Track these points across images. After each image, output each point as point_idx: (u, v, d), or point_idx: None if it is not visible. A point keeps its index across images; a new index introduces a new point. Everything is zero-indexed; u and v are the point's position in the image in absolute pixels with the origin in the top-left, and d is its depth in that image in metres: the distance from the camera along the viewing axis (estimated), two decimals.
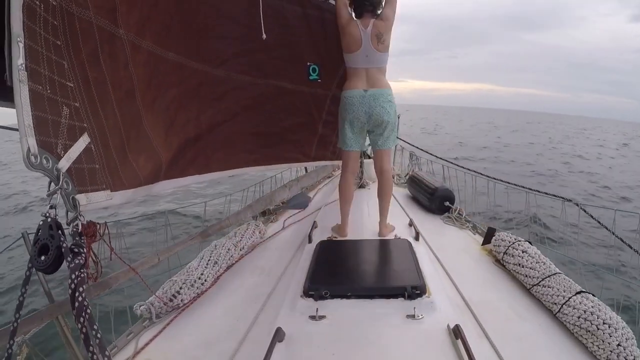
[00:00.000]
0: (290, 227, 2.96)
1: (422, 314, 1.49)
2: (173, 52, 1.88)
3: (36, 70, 0.97)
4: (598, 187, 11.43)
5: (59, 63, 1.10)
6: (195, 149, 2.19)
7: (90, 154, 1.20)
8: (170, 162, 1.92)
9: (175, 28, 1.88)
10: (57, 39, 1.11)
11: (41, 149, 0.94)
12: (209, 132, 2.29)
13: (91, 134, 1.22)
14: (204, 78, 2.16)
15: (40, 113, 0.96)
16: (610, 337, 1.44)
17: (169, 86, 1.89)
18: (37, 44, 0.99)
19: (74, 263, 0.92)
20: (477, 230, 2.84)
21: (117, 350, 1.58)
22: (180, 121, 2.02)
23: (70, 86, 1.15)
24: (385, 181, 2.48)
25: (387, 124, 2.37)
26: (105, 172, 1.29)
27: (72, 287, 0.89)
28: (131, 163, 1.50)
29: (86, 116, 1.22)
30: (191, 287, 1.89)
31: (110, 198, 1.29)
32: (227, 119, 2.42)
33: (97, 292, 1.66)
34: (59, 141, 1.03)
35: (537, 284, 1.85)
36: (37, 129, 0.94)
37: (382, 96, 2.33)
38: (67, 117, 1.09)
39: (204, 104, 2.22)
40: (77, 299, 0.88)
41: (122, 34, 1.45)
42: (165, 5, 1.77)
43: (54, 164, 0.98)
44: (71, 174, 1.06)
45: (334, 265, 1.97)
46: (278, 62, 2.61)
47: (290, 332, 1.42)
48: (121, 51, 1.46)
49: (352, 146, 2.47)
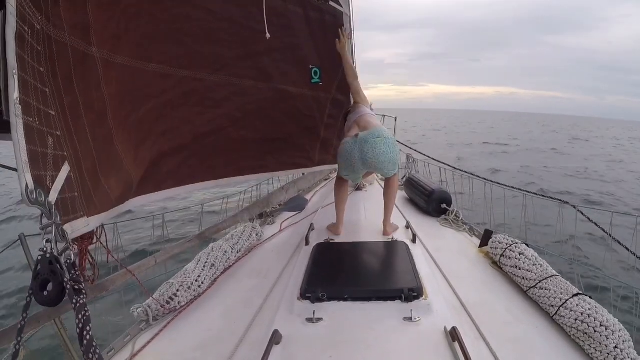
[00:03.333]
0: (288, 230, 2.96)
1: (419, 316, 1.50)
2: (155, 62, 1.83)
3: (27, 102, 0.93)
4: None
5: (43, 91, 1.07)
6: (175, 161, 2.13)
7: (70, 182, 1.17)
8: (141, 179, 1.88)
9: (162, 36, 1.83)
10: (41, 65, 1.07)
11: (36, 183, 0.91)
12: (197, 141, 2.24)
13: (70, 161, 1.19)
14: (196, 85, 2.11)
15: (32, 147, 0.93)
16: (607, 340, 1.44)
17: (147, 99, 1.85)
18: (26, 73, 0.95)
19: (79, 303, 0.91)
20: (474, 232, 2.84)
21: (114, 353, 1.57)
22: (155, 134, 1.97)
23: (52, 114, 1.11)
24: (391, 182, 2.50)
25: (384, 165, 2.30)
26: (82, 198, 1.26)
27: (80, 326, 0.89)
28: (103, 186, 1.47)
29: (65, 144, 1.19)
30: (188, 289, 1.89)
31: (87, 225, 1.26)
32: (226, 125, 2.38)
33: (94, 295, 1.66)
34: (48, 173, 1.01)
35: (534, 286, 1.86)
36: (31, 164, 0.91)
37: (371, 135, 2.27)
38: (52, 148, 1.06)
39: (193, 112, 2.16)
40: (86, 337, 0.88)
41: (94, 52, 1.41)
42: (149, 15, 1.72)
43: (46, 198, 0.96)
44: (58, 206, 1.03)
45: (331, 268, 1.96)
46: (282, 65, 2.57)
47: (287, 334, 1.42)
48: (93, 71, 1.42)
49: (349, 177, 2.53)
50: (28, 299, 0.94)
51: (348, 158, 2.30)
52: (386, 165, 2.29)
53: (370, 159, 2.24)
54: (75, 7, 1.29)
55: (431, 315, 1.52)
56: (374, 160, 2.24)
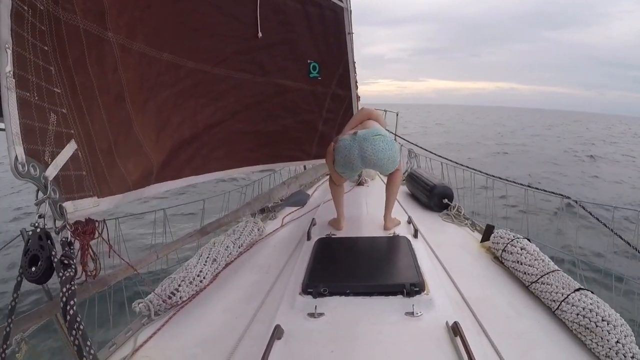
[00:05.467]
0: (289, 225, 2.96)
1: (420, 311, 1.50)
2: (167, 52, 1.86)
3: (24, 77, 0.95)
4: None
5: (46, 69, 1.08)
6: (190, 150, 2.17)
7: (78, 160, 1.18)
8: (162, 164, 1.90)
9: (171, 28, 1.86)
10: (45, 44, 1.09)
11: (28, 157, 0.92)
12: (206, 132, 2.27)
13: (78, 140, 1.20)
14: (202, 77, 2.14)
15: (27, 121, 0.94)
16: (609, 334, 1.44)
17: (163, 87, 1.87)
18: (25, 50, 0.97)
19: (65, 276, 0.90)
20: (476, 227, 2.84)
21: (116, 348, 1.58)
22: (175, 122, 2.00)
23: (57, 92, 1.13)
24: (393, 177, 2.50)
25: (383, 162, 2.28)
26: (92, 178, 1.27)
27: (64, 300, 0.87)
28: (119, 168, 1.48)
29: (73, 122, 1.20)
30: (190, 284, 1.89)
31: (97, 205, 1.27)
32: (226, 118, 2.41)
33: (95, 289, 1.66)
34: (47, 149, 1.01)
35: (535, 281, 1.85)
36: (25, 137, 0.92)
37: (370, 133, 2.26)
38: (54, 124, 1.07)
39: (200, 104, 2.20)
40: (69, 312, 0.86)
41: (110, 37, 1.43)
42: (158, 7, 1.75)
43: (42, 172, 0.96)
44: (58, 182, 1.04)
45: (332, 263, 1.97)
46: (279, 60, 2.59)
47: (289, 329, 1.42)
48: (109, 55, 1.44)
49: (345, 174, 2.47)
50: (19, 278, 0.93)
51: (347, 155, 2.28)
52: (385, 162, 2.28)
53: (370, 157, 2.23)
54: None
55: (433, 310, 1.52)
56: (373, 158, 2.23)
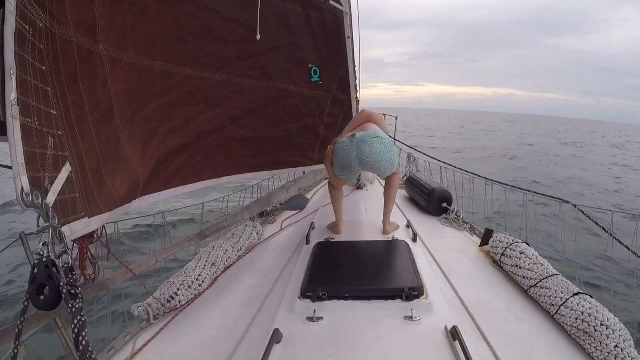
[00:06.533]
0: (288, 229, 2.96)
1: (419, 315, 1.49)
2: (160, 60, 1.83)
3: (26, 102, 0.91)
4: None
5: (45, 91, 1.04)
6: (180, 159, 2.14)
7: (72, 183, 1.15)
8: (148, 177, 1.87)
9: (166, 35, 1.84)
10: (43, 64, 1.05)
11: (32, 186, 0.89)
12: (200, 140, 2.24)
13: (72, 161, 1.17)
14: (200, 83, 2.12)
15: (30, 148, 0.91)
16: (608, 339, 1.44)
17: (153, 97, 1.85)
18: (26, 73, 0.93)
19: (75, 308, 0.90)
20: (475, 231, 2.84)
21: (115, 352, 1.57)
22: (162, 133, 1.96)
23: (54, 114, 1.09)
24: (391, 181, 2.50)
25: (381, 164, 2.27)
26: (84, 199, 1.24)
27: (76, 331, 0.88)
28: (107, 185, 1.45)
29: (67, 144, 1.16)
30: (189, 288, 1.89)
31: (88, 225, 1.24)
32: (226, 124, 2.38)
33: (94, 294, 1.66)
34: (46, 175, 0.98)
35: (534, 285, 1.85)
36: (28, 166, 0.88)
37: (368, 135, 2.25)
38: (52, 148, 1.04)
39: (196, 111, 2.17)
40: (82, 343, 0.87)
41: (101, 49, 1.40)
42: (154, 13, 1.72)
43: (44, 200, 0.94)
44: (56, 207, 1.01)
45: (331, 267, 1.96)
46: (281, 65, 2.58)
47: (287, 333, 1.42)
48: (100, 68, 1.41)
49: (344, 177, 2.44)
50: (25, 303, 0.93)
51: (345, 158, 2.28)
52: (383, 165, 2.27)
53: (367, 159, 2.22)
54: (81, 3, 1.27)
55: (432, 314, 1.52)
56: (371, 160, 2.23)
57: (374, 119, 2.56)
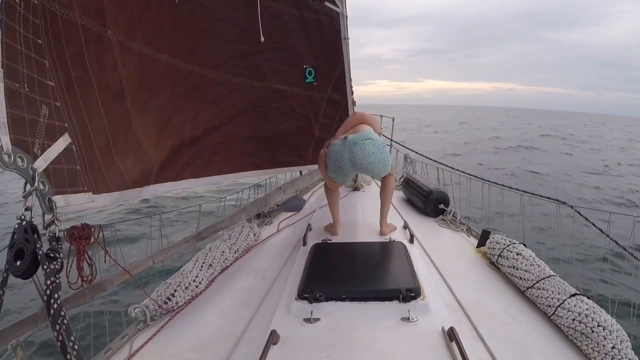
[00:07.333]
0: (285, 230, 2.96)
1: (416, 316, 1.50)
2: (166, 54, 1.86)
3: (14, 68, 0.95)
4: None
5: (39, 62, 1.08)
6: (191, 152, 2.17)
7: (71, 154, 1.17)
8: (162, 165, 1.90)
9: (169, 30, 1.87)
10: (39, 37, 1.09)
11: (15, 147, 0.91)
12: (206, 135, 2.28)
13: (72, 134, 1.19)
14: (200, 80, 2.15)
15: (16, 111, 0.93)
16: (605, 340, 1.44)
17: (163, 87, 1.87)
18: (15, 42, 0.97)
19: (50, 269, 0.88)
20: (472, 232, 2.85)
21: (112, 353, 1.57)
22: (176, 123, 2.00)
23: (51, 85, 1.13)
24: (387, 182, 2.50)
25: (374, 166, 2.25)
26: (87, 173, 1.26)
27: (47, 293, 0.85)
28: (117, 165, 1.48)
29: (68, 116, 1.19)
30: (186, 289, 1.88)
31: (92, 200, 1.26)
32: (225, 122, 2.41)
33: (91, 295, 1.65)
34: (36, 140, 1.01)
35: (531, 286, 1.86)
36: (12, 127, 0.91)
37: (360, 137, 2.24)
38: (46, 117, 1.07)
39: (199, 107, 2.20)
40: (53, 306, 0.85)
41: (110, 34, 1.42)
42: (156, 8, 1.75)
43: (29, 164, 0.95)
44: (49, 175, 1.03)
45: (328, 268, 1.96)
46: (275, 65, 2.60)
47: (284, 334, 1.42)
48: (109, 52, 1.44)
49: (338, 179, 2.44)
50: (4, 274, 0.92)
51: (338, 160, 2.27)
52: (376, 166, 2.26)
53: (360, 161, 2.22)
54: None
55: (429, 316, 1.52)
56: (363, 162, 2.22)
57: (367, 120, 2.56)
